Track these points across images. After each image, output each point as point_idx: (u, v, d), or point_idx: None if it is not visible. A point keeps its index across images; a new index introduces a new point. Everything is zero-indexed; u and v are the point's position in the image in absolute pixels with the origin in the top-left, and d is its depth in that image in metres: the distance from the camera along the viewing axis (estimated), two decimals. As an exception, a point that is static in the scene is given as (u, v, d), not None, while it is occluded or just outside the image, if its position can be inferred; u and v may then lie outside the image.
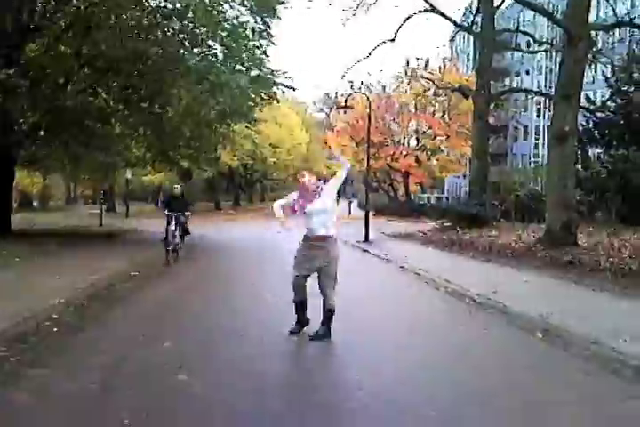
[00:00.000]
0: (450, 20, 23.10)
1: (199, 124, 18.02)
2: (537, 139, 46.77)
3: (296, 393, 4.20)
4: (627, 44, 24.23)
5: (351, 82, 37.37)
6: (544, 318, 6.35)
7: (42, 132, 16.58)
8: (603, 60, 23.21)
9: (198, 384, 4.19)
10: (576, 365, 4.88)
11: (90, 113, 15.03)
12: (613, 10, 20.65)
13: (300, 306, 5.75)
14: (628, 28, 22.91)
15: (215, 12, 14.46)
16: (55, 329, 5.81)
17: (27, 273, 9.67)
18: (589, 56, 18.24)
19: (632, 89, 22.72)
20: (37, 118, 15.51)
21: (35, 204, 50.77)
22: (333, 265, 5.57)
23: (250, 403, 3.89)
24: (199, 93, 16.46)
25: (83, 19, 13.92)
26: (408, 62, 38.14)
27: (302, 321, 5.77)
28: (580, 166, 21.67)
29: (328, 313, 5.58)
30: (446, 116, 40.01)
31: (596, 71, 28.48)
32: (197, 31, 15.17)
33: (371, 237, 18.01)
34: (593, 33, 18.20)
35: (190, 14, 14.32)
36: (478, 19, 22.90)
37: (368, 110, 21.99)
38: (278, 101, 21.14)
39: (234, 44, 15.39)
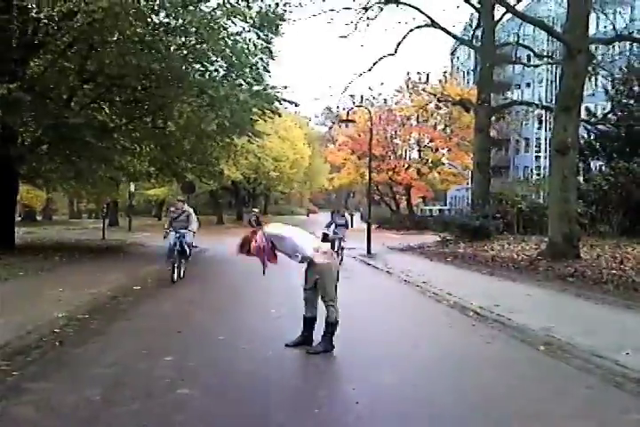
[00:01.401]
0: (450, 34, 23.33)
1: (200, 137, 18.14)
2: (538, 151, 46.88)
3: (297, 407, 4.20)
4: (626, 57, 24.41)
5: (352, 96, 37.60)
6: (546, 331, 6.35)
7: (45, 147, 16.69)
8: (603, 73, 23.36)
9: (200, 398, 4.20)
10: (578, 378, 4.87)
11: (93, 128, 15.11)
12: (612, 24, 20.84)
13: (308, 322, 5.78)
14: (627, 42, 23.09)
15: (218, 28, 14.60)
16: (58, 343, 5.82)
17: (30, 286, 9.70)
18: (589, 69, 18.40)
19: (632, 102, 22.85)
20: (40, 133, 15.62)
21: (38, 218, 50.87)
22: (327, 279, 5.61)
23: (250, 417, 3.90)
24: (199, 107, 16.60)
25: (86, 34, 14.06)
26: (409, 76, 38.46)
27: (304, 337, 5.79)
28: (581, 179, 21.75)
29: (328, 327, 5.59)
30: (448, 129, 40.21)
31: (596, 84, 28.63)
32: (200, 47, 15.31)
33: (373, 250, 18.02)
34: (593, 46, 18.34)
35: (193, 30, 14.47)
36: (479, 32, 23.14)
37: (369, 124, 22.12)
38: (280, 115, 21.27)
39: (236, 60, 15.53)
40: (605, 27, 23.26)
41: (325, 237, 13.90)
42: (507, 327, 6.84)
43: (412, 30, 22.73)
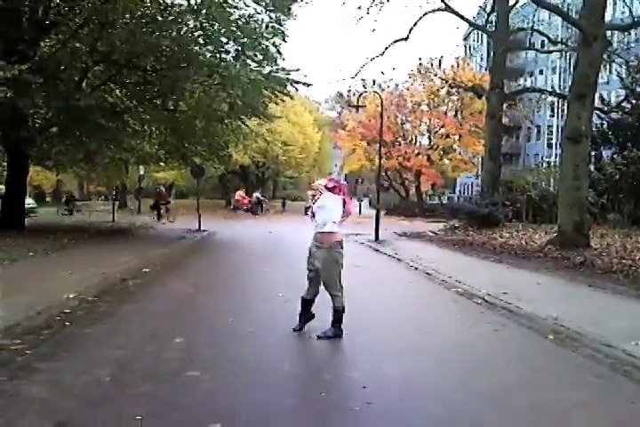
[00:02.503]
0: (464, 18, 23.02)
1: (211, 119, 18.08)
2: (550, 139, 46.48)
3: (304, 391, 4.22)
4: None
5: (364, 80, 37.28)
6: (555, 319, 6.33)
7: (55, 129, 16.70)
8: (618, 60, 23.02)
9: (209, 380, 4.22)
10: (587, 367, 4.86)
11: (104, 110, 15.09)
12: (630, 10, 20.47)
13: (304, 303, 5.81)
14: (644, 28, 22.70)
15: (229, 10, 14.48)
16: (68, 323, 5.86)
17: (40, 267, 9.78)
18: (604, 56, 18.11)
19: (647, 90, 22.54)
20: (50, 115, 15.62)
21: (48, 199, 51.12)
22: (333, 267, 5.59)
23: (258, 400, 3.92)
24: (210, 86, 16.51)
25: (98, 15, 13.97)
26: (421, 61, 38.09)
27: (304, 318, 5.83)
28: (592, 167, 21.55)
29: (336, 313, 5.60)
30: (459, 115, 39.85)
31: (610, 72, 28.22)
32: (211, 28, 15.18)
33: (381, 236, 17.98)
34: (608, 33, 18.05)
35: (204, 11, 14.35)
36: (493, 17, 22.80)
37: (380, 109, 21.96)
38: (292, 98, 21.17)
39: (247, 41, 15.41)
40: (622, 13, 22.89)
41: None
42: (515, 315, 6.82)
43: (425, 14, 22.43)
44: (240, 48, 15.97)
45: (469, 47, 53.50)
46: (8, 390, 3.92)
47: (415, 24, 22.70)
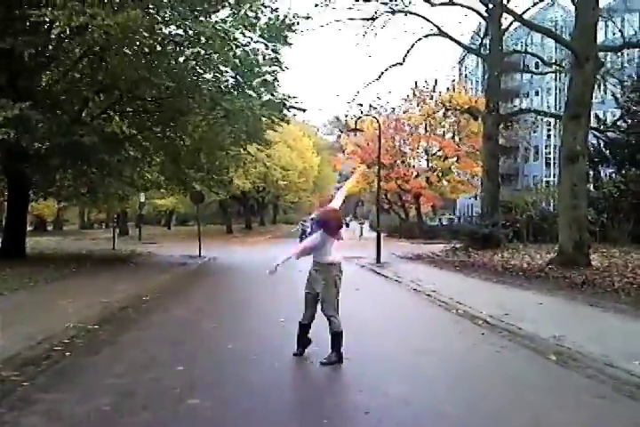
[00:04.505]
0: (458, 42, 23.37)
1: (213, 149, 18.26)
2: (548, 159, 46.74)
3: (307, 417, 4.19)
4: (636, 64, 24.34)
5: (361, 104, 37.61)
6: (557, 339, 6.30)
7: (55, 162, 16.81)
8: (612, 80, 23.28)
9: (210, 408, 4.19)
10: (590, 387, 4.81)
11: (104, 141, 15.23)
12: (621, 31, 20.79)
13: (301, 328, 5.81)
14: (636, 49, 23.04)
15: (227, 39, 14.71)
16: (68, 353, 5.84)
17: (41, 296, 9.76)
18: (599, 76, 18.33)
19: (642, 109, 22.75)
20: (51, 146, 15.75)
21: (49, 228, 51.23)
22: (331, 289, 5.62)
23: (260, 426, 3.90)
24: (214, 120, 16.69)
25: (97, 47, 14.19)
26: (417, 84, 38.48)
27: (302, 343, 5.83)
28: (591, 186, 21.64)
29: (334, 337, 5.59)
30: (456, 137, 40.13)
31: (605, 92, 28.51)
32: (209, 58, 15.41)
33: (383, 258, 17.98)
34: (601, 53, 18.30)
35: (202, 41, 14.58)
36: (486, 41, 23.13)
37: (378, 132, 22.15)
38: (289, 123, 21.38)
39: (245, 70, 15.62)
40: (614, 34, 23.23)
41: None
42: (517, 336, 6.78)
43: (419, 39, 22.79)
44: (239, 76, 16.18)
45: (465, 70, 54.11)
46: (8, 421, 3.90)
47: (410, 49, 23.06)
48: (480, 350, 6.23)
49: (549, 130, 44.84)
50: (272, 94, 17.33)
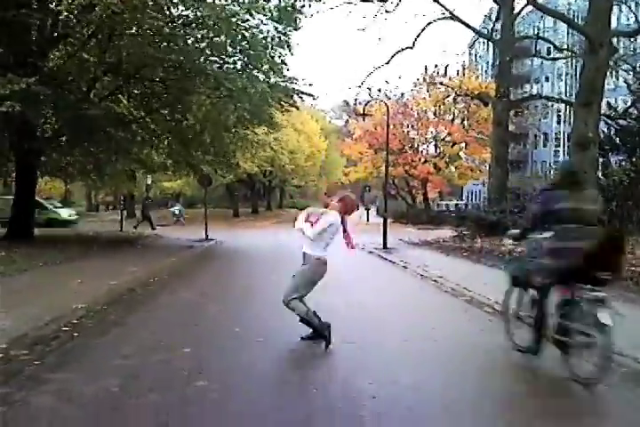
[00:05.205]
0: (469, 27, 23.09)
1: (218, 129, 18.18)
2: (557, 146, 46.42)
3: (312, 401, 4.20)
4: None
5: (370, 89, 37.36)
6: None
7: (63, 139, 16.81)
8: (624, 66, 22.99)
9: (217, 390, 4.21)
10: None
11: (112, 120, 15.19)
12: (635, 16, 20.49)
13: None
14: (650, 35, 22.68)
15: (236, 21, 14.56)
16: (77, 333, 5.88)
17: (48, 278, 9.81)
18: (611, 63, 18.10)
19: (655, 96, 22.46)
20: (59, 126, 15.72)
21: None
22: (303, 276, 5.67)
23: (266, 409, 3.92)
24: (218, 99, 16.61)
25: (105, 26, 14.10)
26: (427, 69, 38.14)
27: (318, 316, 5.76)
28: (600, 174, 21.45)
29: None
30: (465, 122, 39.86)
31: (617, 78, 28.21)
32: (218, 40, 15.28)
33: (389, 244, 17.95)
34: (614, 39, 18.05)
35: (211, 23, 14.44)
36: (498, 26, 22.85)
37: (386, 117, 22.00)
38: (298, 108, 21.24)
39: (253, 53, 15.48)
40: (628, 19, 22.91)
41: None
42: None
43: (430, 23, 22.58)
44: (247, 59, 16.06)
45: (475, 55, 53.58)
46: (17, 400, 3.93)
47: (421, 32, 22.84)
48: (488, 336, 6.20)
49: (559, 116, 44.49)
50: (279, 77, 17.19)
